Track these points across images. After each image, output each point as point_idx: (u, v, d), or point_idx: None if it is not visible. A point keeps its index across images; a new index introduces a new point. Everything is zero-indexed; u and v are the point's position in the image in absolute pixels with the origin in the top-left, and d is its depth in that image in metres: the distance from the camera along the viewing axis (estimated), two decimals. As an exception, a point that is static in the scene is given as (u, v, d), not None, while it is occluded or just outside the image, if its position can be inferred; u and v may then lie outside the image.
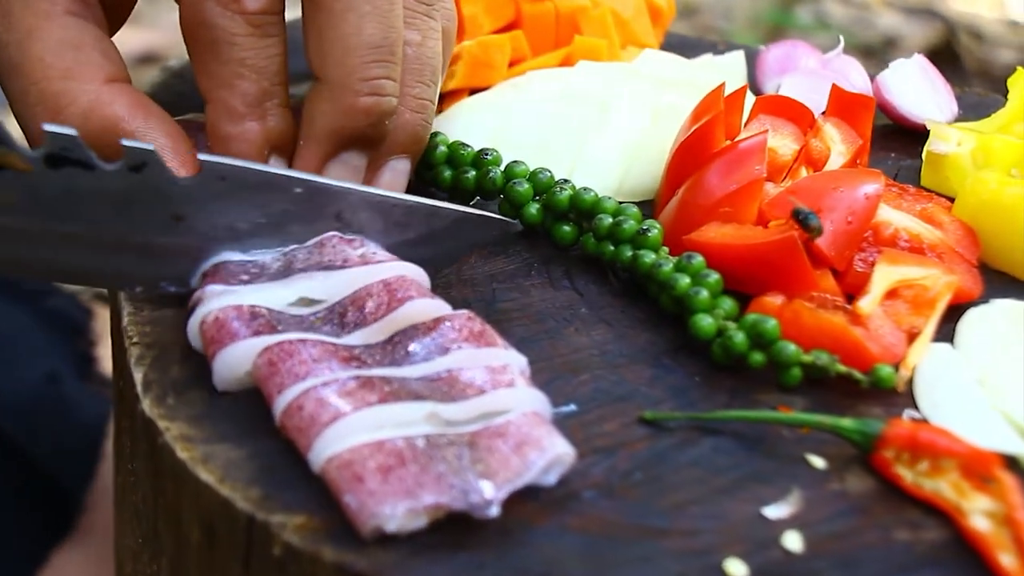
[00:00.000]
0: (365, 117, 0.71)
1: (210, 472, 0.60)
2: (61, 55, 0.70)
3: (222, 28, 0.68)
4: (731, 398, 0.68)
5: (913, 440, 0.62)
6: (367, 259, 0.69)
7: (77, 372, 1.44)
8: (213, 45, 0.69)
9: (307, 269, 0.69)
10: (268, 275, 0.68)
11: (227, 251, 0.69)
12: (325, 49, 0.70)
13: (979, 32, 3.75)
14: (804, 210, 0.72)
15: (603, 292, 0.76)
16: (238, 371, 0.64)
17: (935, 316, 0.72)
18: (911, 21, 3.85)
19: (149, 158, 0.64)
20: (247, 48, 0.69)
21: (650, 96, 0.89)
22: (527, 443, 0.59)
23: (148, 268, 0.69)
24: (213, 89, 0.70)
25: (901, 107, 0.95)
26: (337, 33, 0.70)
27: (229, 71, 0.69)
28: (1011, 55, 3.60)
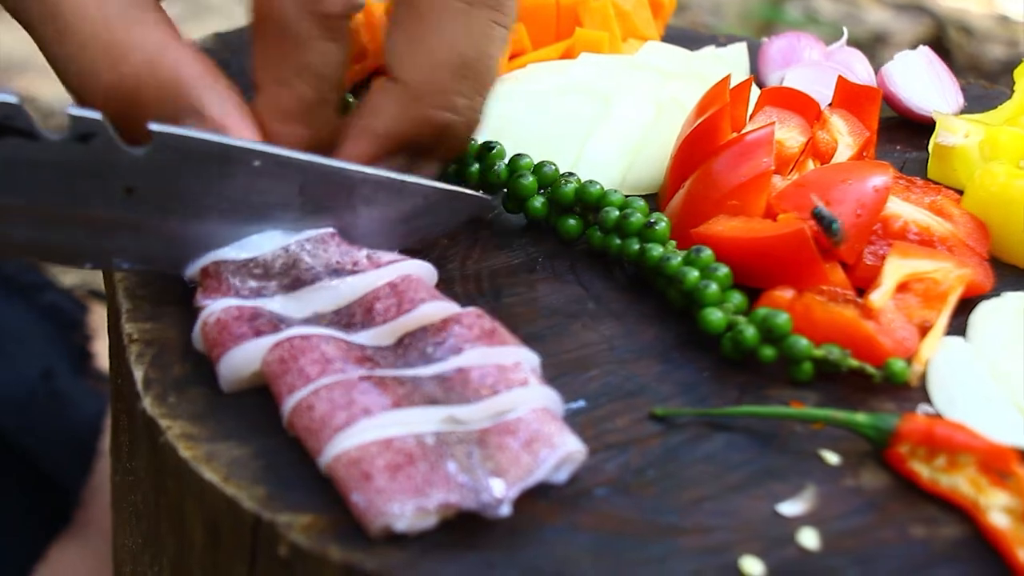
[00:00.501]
0: (432, 130, 0.71)
1: (214, 471, 0.59)
2: (124, 13, 0.67)
3: (295, 27, 0.67)
4: (742, 393, 0.67)
5: (929, 435, 0.61)
6: (375, 260, 0.67)
7: (73, 368, 1.43)
8: (281, 41, 0.67)
9: (316, 279, 0.67)
10: (274, 279, 0.66)
11: (185, 225, 0.66)
12: (413, 56, 0.69)
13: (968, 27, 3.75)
14: (828, 216, 0.71)
15: (609, 286, 0.75)
16: (244, 373, 0.63)
17: (947, 310, 0.71)
18: (900, 17, 3.85)
19: (97, 128, 0.61)
20: (316, 52, 0.68)
21: (653, 88, 0.88)
22: (538, 440, 0.58)
23: (99, 243, 0.66)
24: (270, 83, 0.69)
25: (906, 99, 0.94)
26: (429, 45, 0.69)
27: (291, 71, 0.68)
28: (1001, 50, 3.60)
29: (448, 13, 0.69)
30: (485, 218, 0.80)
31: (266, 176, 0.66)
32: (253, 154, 0.65)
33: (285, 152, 0.66)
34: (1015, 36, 3.73)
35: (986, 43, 3.66)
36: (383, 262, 0.67)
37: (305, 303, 0.66)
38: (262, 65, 0.69)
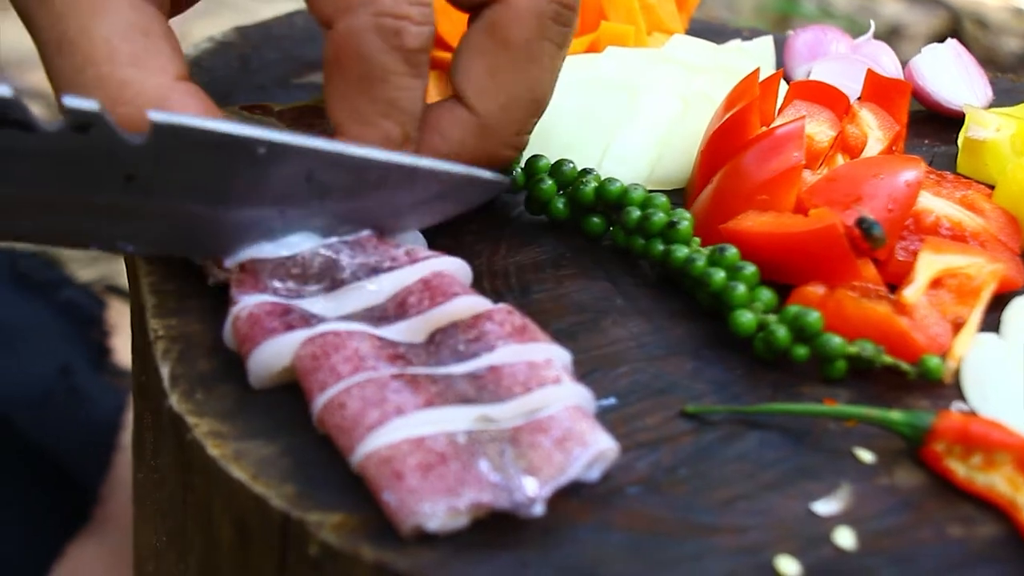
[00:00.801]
0: (498, 163, 0.71)
1: (243, 469, 0.58)
2: (130, 39, 0.65)
3: (380, 64, 0.65)
4: (775, 391, 0.66)
5: (965, 433, 0.61)
6: (412, 256, 0.67)
7: (91, 364, 1.42)
8: (366, 80, 0.65)
9: (353, 279, 0.66)
10: (311, 280, 0.66)
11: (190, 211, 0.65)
12: (493, 90, 0.69)
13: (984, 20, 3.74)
14: (869, 219, 0.70)
15: (637, 282, 0.74)
16: (274, 368, 0.62)
17: (980, 305, 0.70)
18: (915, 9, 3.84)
19: (95, 119, 0.60)
20: (401, 88, 0.66)
21: (681, 82, 0.87)
22: (570, 438, 0.58)
23: (101, 227, 0.65)
24: (353, 124, 0.67)
25: (935, 92, 0.93)
26: (511, 81, 0.68)
27: (376, 109, 0.66)
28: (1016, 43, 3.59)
29: (536, 50, 0.69)
30: (509, 216, 0.80)
31: (272, 163, 0.64)
32: (257, 142, 0.63)
33: (290, 138, 0.64)
34: (1031, 28, 3.72)
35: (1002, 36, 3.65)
36: (420, 257, 0.67)
37: (339, 303, 0.65)
38: (342, 104, 0.67)
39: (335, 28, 0.65)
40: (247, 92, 0.91)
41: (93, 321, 1.47)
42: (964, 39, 3.56)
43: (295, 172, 0.65)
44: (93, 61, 0.65)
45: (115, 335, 1.47)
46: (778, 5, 3.59)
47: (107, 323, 1.48)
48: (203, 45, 0.96)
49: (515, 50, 0.68)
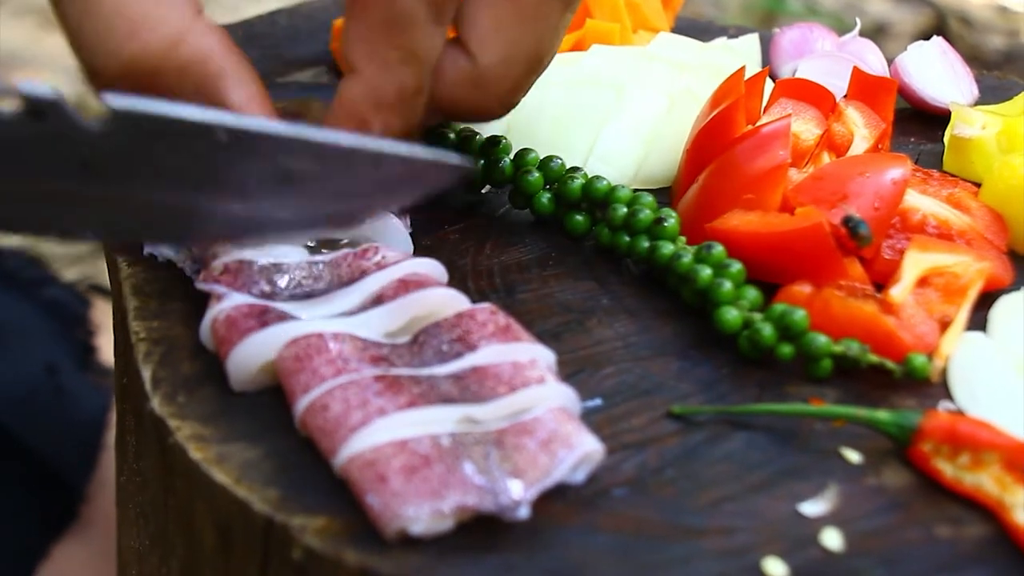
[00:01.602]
0: (488, 117, 0.70)
1: (225, 473, 0.58)
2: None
3: (407, 10, 0.63)
4: (761, 391, 0.66)
5: (953, 432, 0.60)
6: (382, 264, 0.66)
7: (76, 362, 1.41)
8: (390, 25, 0.64)
9: (326, 291, 0.66)
10: (288, 288, 0.66)
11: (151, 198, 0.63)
12: (496, 42, 0.67)
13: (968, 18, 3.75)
14: (855, 217, 0.70)
15: (623, 282, 0.74)
16: (252, 367, 0.61)
17: (967, 304, 0.70)
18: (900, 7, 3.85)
19: (51, 106, 0.58)
20: (424, 36, 0.65)
21: (667, 80, 0.87)
22: (555, 440, 0.57)
23: (61, 215, 0.63)
24: (370, 67, 0.65)
25: (921, 90, 0.93)
26: (516, 36, 0.67)
27: (396, 56, 0.65)
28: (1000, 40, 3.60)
29: (544, 8, 0.67)
30: (493, 215, 0.79)
31: (234, 149, 0.62)
32: (218, 128, 0.61)
33: (252, 124, 0.62)
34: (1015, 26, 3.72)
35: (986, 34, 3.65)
36: (390, 263, 0.66)
37: (317, 308, 0.65)
38: (361, 47, 0.65)
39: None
40: (230, 91, 0.90)
41: (78, 320, 1.46)
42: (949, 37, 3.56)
43: (258, 158, 0.63)
44: (123, 3, 0.63)
45: (100, 334, 1.46)
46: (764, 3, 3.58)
47: (91, 322, 1.47)
48: (186, 44, 0.96)
49: (523, 5, 0.67)
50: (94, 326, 1.47)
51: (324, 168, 0.64)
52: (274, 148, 0.62)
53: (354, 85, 0.66)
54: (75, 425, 1.38)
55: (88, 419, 1.39)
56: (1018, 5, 3.83)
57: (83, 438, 1.38)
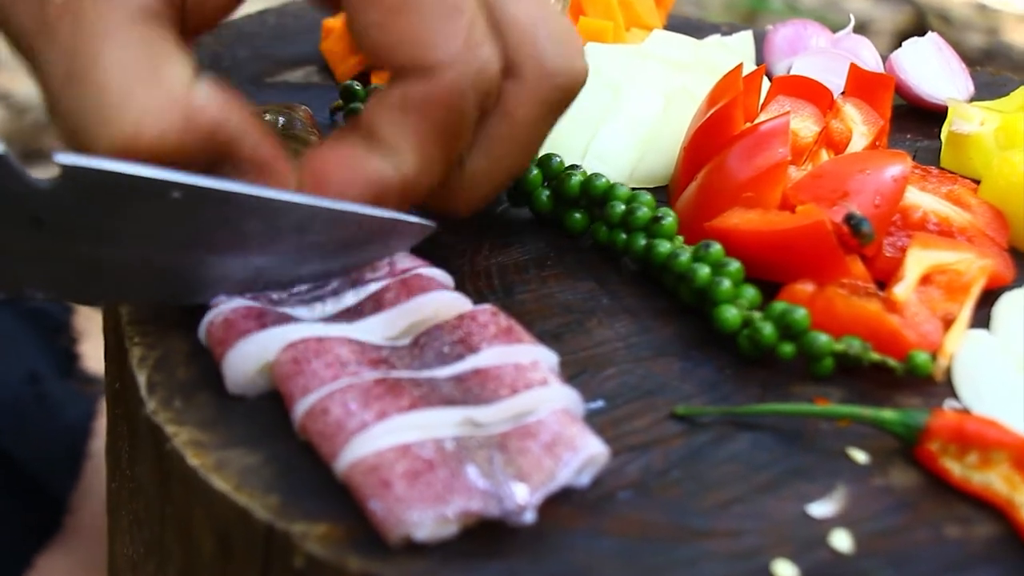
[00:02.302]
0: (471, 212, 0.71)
1: (224, 479, 0.56)
2: (143, 63, 0.61)
3: (467, 118, 0.64)
4: (764, 391, 0.65)
5: (960, 431, 0.60)
6: (393, 270, 0.65)
7: (59, 370, 1.40)
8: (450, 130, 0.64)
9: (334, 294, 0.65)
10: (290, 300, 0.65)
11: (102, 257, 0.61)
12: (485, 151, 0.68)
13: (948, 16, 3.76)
14: (857, 215, 0.69)
15: (623, 281, 0.73)
16: (250, 369, 0.60)
17: (970, 302, 0.69)
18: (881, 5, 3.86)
19: None
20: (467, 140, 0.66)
21: (662, 79, 0.86)
22: (559, 443, 0.56)
23: (8, 272, 0.61)
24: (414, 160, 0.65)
25: (916, 86, 0.92)
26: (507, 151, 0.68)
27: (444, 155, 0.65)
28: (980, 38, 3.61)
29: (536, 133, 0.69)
30: (490, 215, 0.78)
31: (187, 208, 0.60)
32: (170, 186, 0.59)
33: (206, 182, 0.60)
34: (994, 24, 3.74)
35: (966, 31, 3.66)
36: (399, 271, 0.65)
37: (317, 310, 0.64)
38: (410, 134, 0.64)
39: (439, 77, 0.62)
40: (220, 92, 0.89)
41: (60, 327, 1.45)
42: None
43: (211, 216, 0.61)
44: (108, 91, 0.60)
45: (83, 341, 1.45)
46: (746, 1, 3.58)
47: (75, 329, 1.45)
48: (173, 45, 0.94)
49: (518, 128, 0.67)
50: (77, 333, 1.46)
51: (278, 227, 0.63)
52: (228, 207, 0.61)
53: (386, 166, 0.64)
54: (59, 434, 1.36)
55: (72, 428, 1.38)
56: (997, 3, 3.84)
57: (67, 447, 1.37)
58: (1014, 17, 3.84)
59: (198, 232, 0.62)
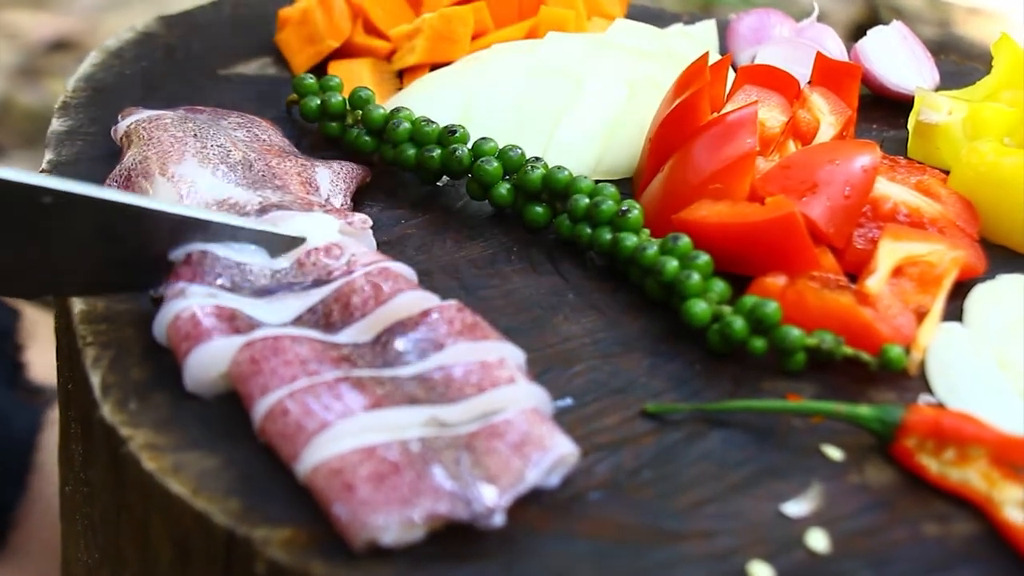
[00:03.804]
0: None
1: (182, 483, 0.55)
2: None
3: None
4: (735, 386, 0.64)
5: (937, 427, 0.58)
6: (353, 266, 0.63)
7: (4, 380, 1.36)
8: None
9: (292, 287, 0.63)
10: (250, 290, 0.63)
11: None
12: None
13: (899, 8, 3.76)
14: None
15: (588, 276, 0.72)
16: (213, 371, 0.58)
17: (942, 294, 0.68)
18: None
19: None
20: None
21: (626, 68, 0.84)
22: (528, 443, 0.55)
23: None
24: None
25: (882, 76, 0.91)
26: None
27: None
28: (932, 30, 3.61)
29: None
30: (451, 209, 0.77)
31: (59, 216, 0.60)
32: (41, 191, 0.59)
33: (76, 188, 0.60)
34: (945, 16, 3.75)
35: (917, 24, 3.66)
36: (359, 265, 0.63)
37: (281, 306, 0.62)
38: None
39: None
40: (175, 84, 0.87)
41: (5, 334, 1.41)
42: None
43: (82, 224, 0.61)
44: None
45: (29, 348, 1.41)
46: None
47: (21, 336, 1.42)
48: (125, 35, 0.92)
49: None
50: (23, 340, 1.42)
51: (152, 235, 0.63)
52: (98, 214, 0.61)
53: None
54: (4, 447, 1.33)
55: (17, 440, 1.34)
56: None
57: (13, 459, 1.33)
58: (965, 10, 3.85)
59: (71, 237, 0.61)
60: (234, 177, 0.69)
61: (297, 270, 0.64)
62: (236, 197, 0.68)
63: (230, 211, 0.67)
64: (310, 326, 0.61)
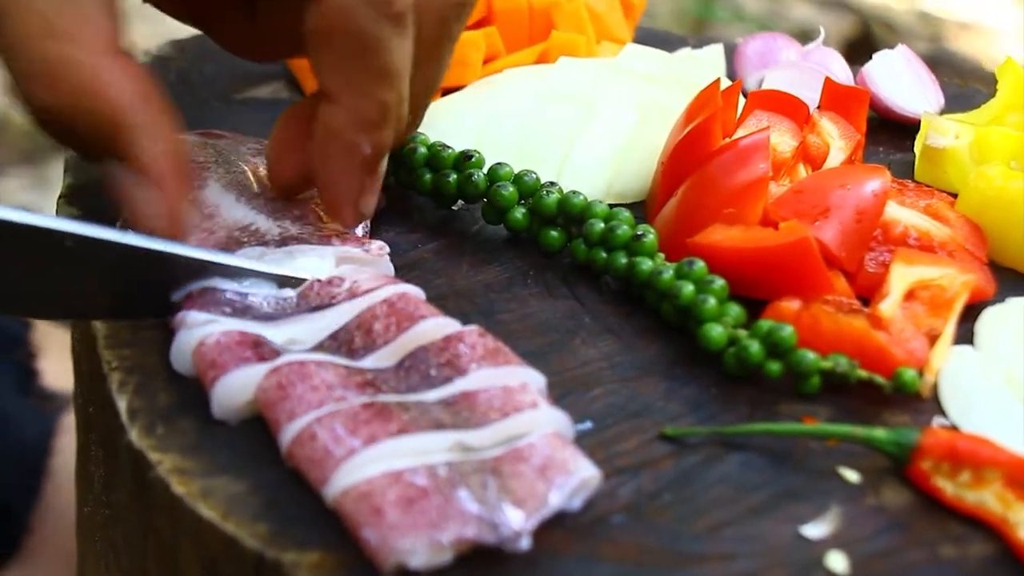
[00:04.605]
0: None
1: (212, 508, 0.55)
2: (65, 12, 0.62)
3: (373, 35, 0.62)
4: (752, 409, 0.65)
5: (953, 450, 0.59)
6: (355, 292, 0.64)
7: (16, 387, 1.37)
8: (360, 52, 0.62)
9: (294, 314, 0.64)
10: (253, 315, 0.64)
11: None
12: None
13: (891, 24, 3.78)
14: None
15: (603, 299, 0.72)
16: (240, 398, 0.59)
17: (953, 317, 0.69)
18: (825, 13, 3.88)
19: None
20: (392, 52, 0.63)
21: (636, 93, 0.85)
22: (552, 466, 0.55)
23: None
24: (348, 95, 0.64)
25: (888, 99, 0.92)
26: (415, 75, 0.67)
27: (370, 79, 0.63)
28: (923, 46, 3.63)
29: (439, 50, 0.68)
30: (467, 233, 0.78)
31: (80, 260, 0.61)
32: (63, 235, 0.60)
33: (101, 232, 0.61)
34: (937, 32, 3.77)
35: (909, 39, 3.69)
36: (366, 288, 0.64)
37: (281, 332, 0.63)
38: (335, 76, 0.64)
39: (324, 2, 0.62)
40: (189, 109, 0.87)
41: (17, 342, 1.42)
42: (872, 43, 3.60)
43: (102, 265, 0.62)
44: (29, 35, 0.61)
45: (42, 357, 1.42)
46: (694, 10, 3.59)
47: (32, 344, 1.43)
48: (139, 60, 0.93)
49: (421, 49, 0.66)
50: (35, 348, 1.43)
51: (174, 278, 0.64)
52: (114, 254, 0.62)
53: (336, 113, 0.64)
54: (17, 453, 1.34)
55: (31, 446, 1.35)
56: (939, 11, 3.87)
57: (26, 466, 1.34)
58: (956, 25, 3.88)
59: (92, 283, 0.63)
60: (256, 204, 0.70)
61: (301, 300, 0.65)
62: (258, 224, 0.68)
63: (252, 238, 0.67)
64: (333, 352, 0.62)
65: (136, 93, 0.63)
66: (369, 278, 0.66)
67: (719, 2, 3.64)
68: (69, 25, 0.62)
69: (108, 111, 0.62)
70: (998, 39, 3.75)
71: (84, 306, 0.65)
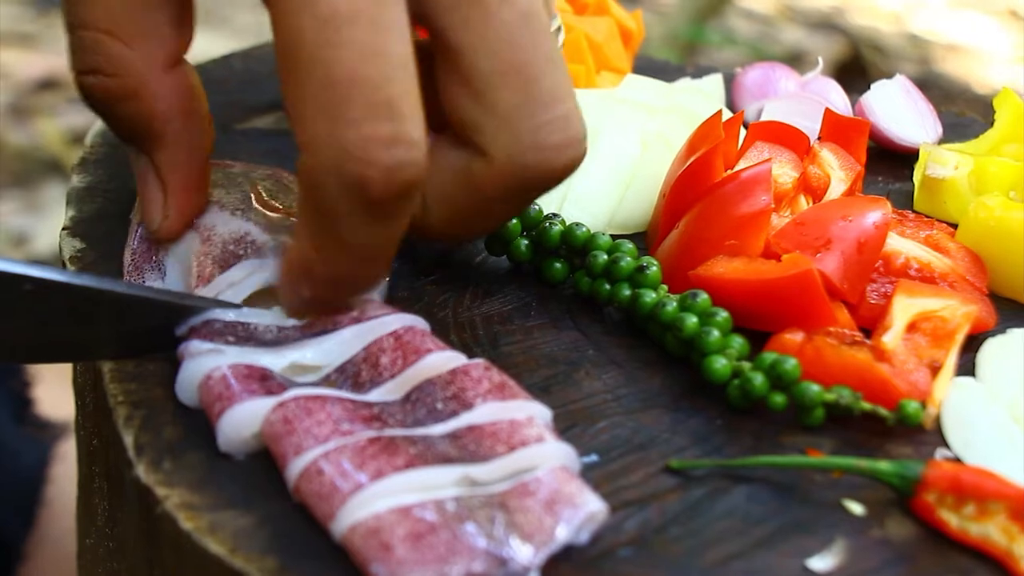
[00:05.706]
0: None
1: (219, 543, 0.55)
2: (133, 12, 0.63)
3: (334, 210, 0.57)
4: (756, 441, 0.65)
5: (957, 482, 0.60)
6: (359, 318, 0.64)
7: (11, 415, 1.37)
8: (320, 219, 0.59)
9: (298, 339, 0.64)
10: (256, 342, 0.64)
11: None
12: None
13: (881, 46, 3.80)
14: None
15: (607, 331, 0.73)
16: (246, 432, 0.59)
17: (955, 348, 0.69)
18: (815, 35, 3.90)
19: None
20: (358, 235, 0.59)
21: (637, 123, 0.86)
22: (559, 500, 0.56)
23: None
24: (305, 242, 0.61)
25: (887, 129, 0.92)
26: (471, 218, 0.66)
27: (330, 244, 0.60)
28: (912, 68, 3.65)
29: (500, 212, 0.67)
30: (469, 264, 0.78)
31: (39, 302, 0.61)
32: (22, 279, 0.60)
33: (54, 275, 0.61)
34: (925, 54, 3.79)
35: (899, 61, 3.70)
36: (370, 316, 0.64)
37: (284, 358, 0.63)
38: (300, 220, 0.61)
39: (301, 160, 0.58)
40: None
41: (12, 371, 1.42)
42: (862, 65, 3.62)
43: (59, 308, 0.62)
44: (97, 26, 0.63)
45: (36, 385, 1.42)
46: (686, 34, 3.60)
47: (27, 372, 1.43)
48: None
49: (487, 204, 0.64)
50: (30, 377, 1.43)
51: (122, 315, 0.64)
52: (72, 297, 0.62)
53: (291, 249, 0.63)
54: (12, 482, 1.34)
55: (25, 475, 1.35)
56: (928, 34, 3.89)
57: (21, 494, 1.34)
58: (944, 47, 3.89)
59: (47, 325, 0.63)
60: (253, 218, 0.70)
61: (305, 325, 0.65)
62: (254, 235, 0.69)
63: (248, 248, 0.68)
64: (339, 385, 0.62)
65: (179, 110, 0.65)
66: (373, 304, 0.66)
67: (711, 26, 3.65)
68: (137, 31, 0.63)
69: (146, 118, 0.65)
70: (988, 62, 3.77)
71: (89, 350, 0.66)
